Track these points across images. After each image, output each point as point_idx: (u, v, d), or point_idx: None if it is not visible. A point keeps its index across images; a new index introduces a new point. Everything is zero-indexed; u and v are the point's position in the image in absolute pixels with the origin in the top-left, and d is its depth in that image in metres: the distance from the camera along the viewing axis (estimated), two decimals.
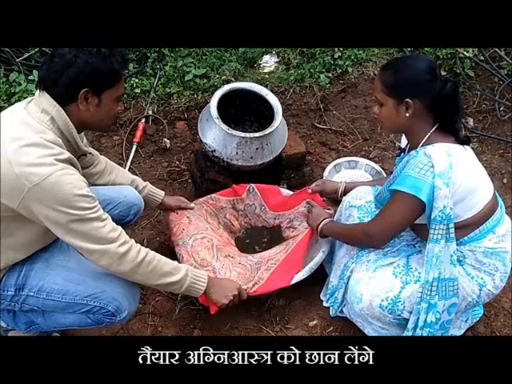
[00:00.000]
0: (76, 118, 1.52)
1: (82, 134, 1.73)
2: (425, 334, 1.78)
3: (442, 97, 1.67)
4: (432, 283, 1.72)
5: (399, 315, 1.80)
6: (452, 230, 1.69)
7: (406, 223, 1.75)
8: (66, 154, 1.47)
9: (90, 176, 1.93)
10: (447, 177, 1.63)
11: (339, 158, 2.93)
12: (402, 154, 1.89)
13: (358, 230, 1.86)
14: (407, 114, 1.69)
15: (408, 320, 1.82)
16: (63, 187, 1.41)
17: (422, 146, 1.72)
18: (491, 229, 1.76)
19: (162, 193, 2.18)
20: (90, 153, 1.76)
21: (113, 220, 1.96)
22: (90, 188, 1.64)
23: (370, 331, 1.95)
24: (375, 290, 1.80)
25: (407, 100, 1.67)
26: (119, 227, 1.58)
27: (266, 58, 3.32)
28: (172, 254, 2.07)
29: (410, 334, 1.81)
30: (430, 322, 1.76)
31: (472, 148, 1.81)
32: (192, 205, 2.23)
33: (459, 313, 1.91)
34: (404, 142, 1.93)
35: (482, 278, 1.78)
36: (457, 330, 1.97)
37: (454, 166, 1.64)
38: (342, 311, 2.09)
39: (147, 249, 1.62)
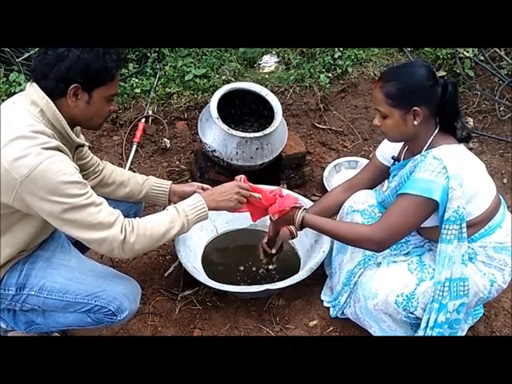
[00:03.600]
0: (66, 113, 1.50)
1: (78, 128, 1.71)
2: (434, 335, 1.78)
3: (446, 100, 1.67)
4: (444, 283, 1.72)
5: (412, 312, 1.80)
6: (464, 230, 1.69)
7: (413, 226, 1.73)
8: (54, 143, 1.45)
9: (104, 186, 1.92)
10: (460, 177, 1.63)
11: (339, 157, 2.94)
12: (397, 162, 1.89)
13: (360, 234, 1.75)
14: (415, 122, 1.68)
15: (418, 319, 1.82)
16: (53, 175, 1.40)
17: (426, 149, 1.71)
18: (499, 223, 1.77)
19: (169, 182, 2.00)
20: (84, 144, 1.71)
21: None
22: None
23: (376, 330, 1.94)
24: (391, 284, 1.78)
25: (415, 108, 1.65)
26: (117, 210, 1.55)
27: (266, 57, 3.32)
28: None
29: (422, 333, 1.81)
30: (441, 322, 1.76)
31: (472, 148, 1.82)
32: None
33: (465, 316, 1.91)
34: (396, 150, 1.92)
35: (493, 274, 1.79)
36: (460, 332, 1.97)
37: (463, 166, 1.65)
38: (342, 313, 2.09)
39: (137, 220, 1.58)
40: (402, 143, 1.87)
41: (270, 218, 1.93)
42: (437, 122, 1.73)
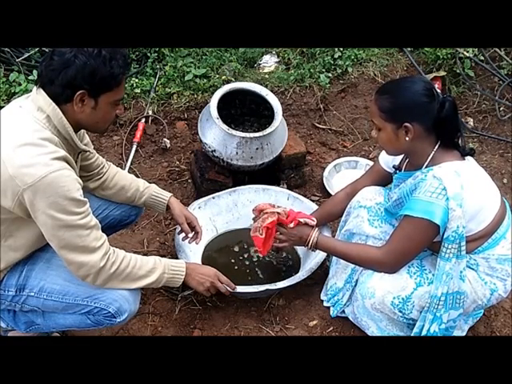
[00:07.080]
0: (71, 118, 1.50)
1: (83, 131, 1.71)
2: None
3: (442, 118, 1.65)
4: (440, 298, 1.72)
5: (407, 314, 1.80)
6: (463, 248, 1.68)
7: (420, 249, 1.74)
8: (61, 152, 1.45)
9: (105, 189, 1.93)
10: (460, 198, 1.62)
11: (339, 157, 2.94)
12: (398, 171, 1.89)
13: (372, 259, 1.80)
14: (407, 138, 1.68)
15: (414, 320, 1.82)
16: (56, 190, 1.40)
17: (427, 166, 1.71)
18: (503, 235, 1.76)
19: (168, 194, 2.03)
20: (89, 150, 1.74)
21: (115, 220, 1.98)
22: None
23: (374, 330, 1.94)
24: (389, 286, 1.78)
25: (406, 124, 1.65)
26: (104, 236, 1.56)
27: (266, 57, 3.32)
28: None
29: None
30: (433, 331, 1.77)
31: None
32: (199, 229, 2.08)
33: (465, 316, 1.92)
34: (398, 158, 1.92)
35: (494, 284, 1.78)
36: (460, 332, 1.97)
37: (464, 186, 1.63)
38: (342, 311, 2.09)
39: (123, 254, 1.60)
40: None
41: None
42: (437, 137, 1.71)
